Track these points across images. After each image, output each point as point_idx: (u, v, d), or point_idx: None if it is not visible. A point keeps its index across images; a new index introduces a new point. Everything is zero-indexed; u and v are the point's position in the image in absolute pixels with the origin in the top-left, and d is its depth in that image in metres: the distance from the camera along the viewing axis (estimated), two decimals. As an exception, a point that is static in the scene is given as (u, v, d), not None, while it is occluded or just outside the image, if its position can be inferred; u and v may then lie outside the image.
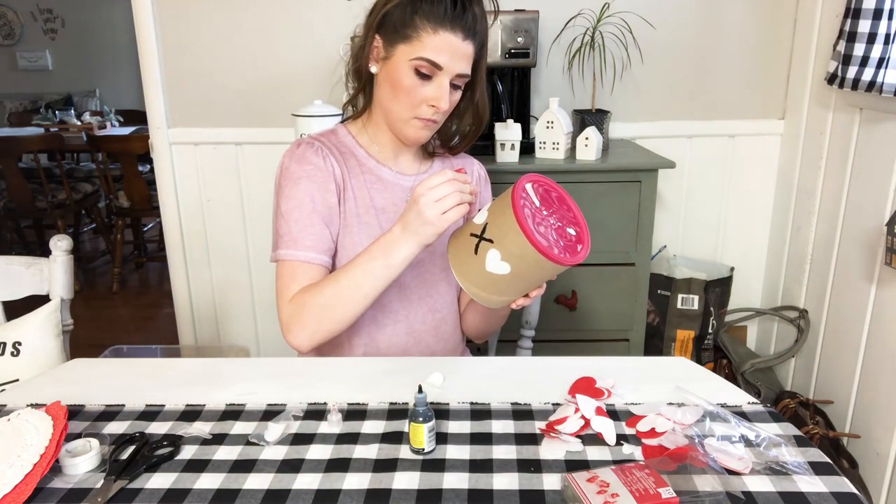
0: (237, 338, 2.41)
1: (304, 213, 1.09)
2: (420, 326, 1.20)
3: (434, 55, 1.03)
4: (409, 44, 1.04)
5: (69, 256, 1.33)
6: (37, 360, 1.26)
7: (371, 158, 1.17)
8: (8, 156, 3.53)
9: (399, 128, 1.12)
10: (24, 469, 0.73)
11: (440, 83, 1.05)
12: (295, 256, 1.08)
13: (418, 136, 1.12)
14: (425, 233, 0.96)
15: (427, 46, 1.03)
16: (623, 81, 2.15)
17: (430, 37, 1.03)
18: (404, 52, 1.05)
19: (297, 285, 1.07)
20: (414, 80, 1.05)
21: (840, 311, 1.88)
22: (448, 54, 1.04)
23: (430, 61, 1.04)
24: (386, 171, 1.17)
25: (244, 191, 2.26)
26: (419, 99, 1.07)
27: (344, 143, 1.17)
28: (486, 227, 0.89)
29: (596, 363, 1.05)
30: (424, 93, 1.06)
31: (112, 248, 3.81)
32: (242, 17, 2.13)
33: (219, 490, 0.75)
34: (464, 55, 1.05)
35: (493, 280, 0.90)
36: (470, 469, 0.78)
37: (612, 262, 1.85)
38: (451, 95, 1.08)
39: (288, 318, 1.05)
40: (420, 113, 1.08)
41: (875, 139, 1.72)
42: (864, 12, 1.59)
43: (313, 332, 1.04)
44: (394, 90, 1.08)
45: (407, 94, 1.06)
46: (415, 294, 1.18)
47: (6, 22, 5.79)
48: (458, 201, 0.94)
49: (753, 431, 0.82)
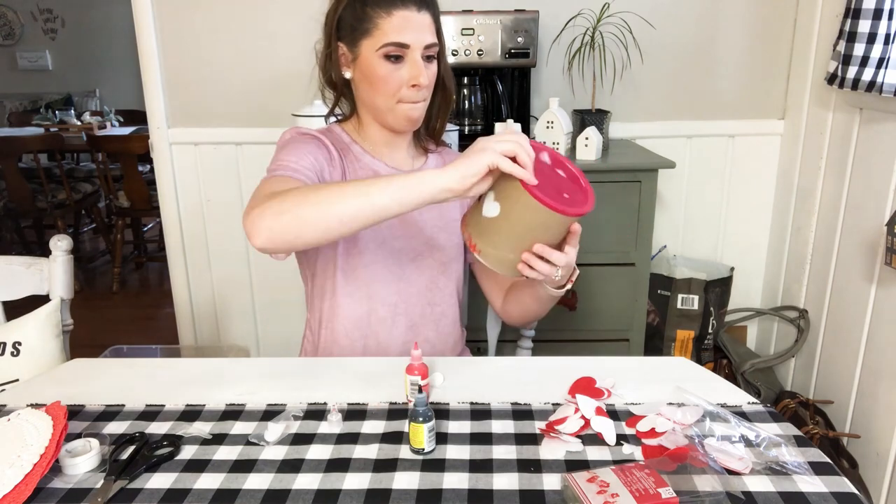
0: (237, 338, 2.41)
1: (304, 163, 1.03)
2: (419, 320, 1.20)
3: (397, 36, 1.04)
4: (370, 36, 1.05)
5: (69, 256, 1.33)
6: (37, 360, 1.26)
7: (367, 154, 1.17)
8: (8, 156, 3.53)
9: (388, 119, 1.12)
10: (24, 469, 0.73)
11: (413, 60, 1.06)
12: (285, 172, 1.00)
13: (410, 117, 1.11)
14: (465, 164, 0.84)
15: (387, 31, 1.04)
16: (623, 81, 2.15)
17: (387, 20, 1.04)
18: (368, 45, 1.06)
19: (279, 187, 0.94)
20: (387, 67, 1.06)
21: (840, 311, 1.88)
22: (409, 30, 1.04)
23: (395, 43, 1.04)
24: (381, 166, 1.17)
25: (244, 191, 2.26)
26: (398, 83, 1.07)
27: (340, 139, 1.18)
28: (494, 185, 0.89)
29: (596, 363, 1.05)
30: (401, 75, 1.06)
31: (112, 248, 3.81)
32: (242, 18, 2.13)
33: (219, 490, 0.75)
34: (424, 26, 1.06)
35: (489, 226, 0.89)
36: (470, 469, 0.78)
37: (612, 262, 1.85)
38: (428, 69, 1.08)
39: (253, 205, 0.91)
40: (403, 96, 1.08)
41: (875, 139, 1.72)
42: (864, 12, 1.59)
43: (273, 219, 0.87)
44: (372, 85, 1.08)
45: (385, 82, 1.07)
46: (414, 287, 1.18)
47: (6, 22, 5.79)
48: (517, 148, 0.83)
49: (753, 431, 0.82)
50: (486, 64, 1.92)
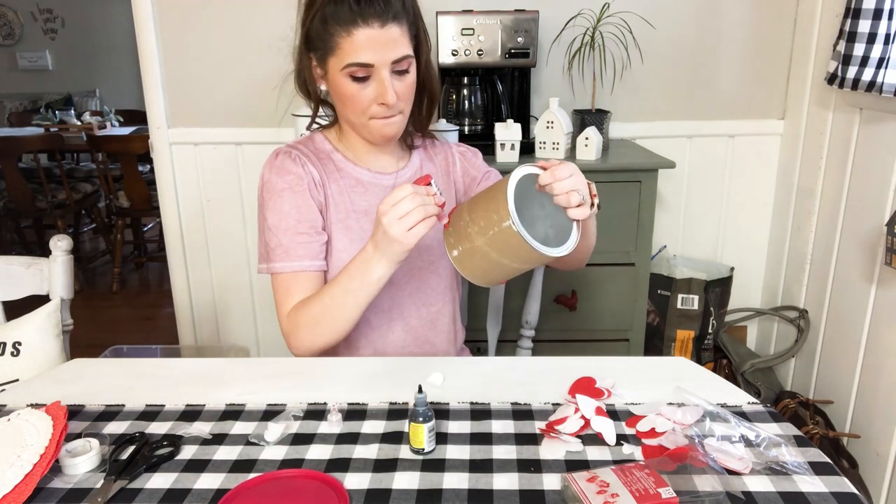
0: (237, 338, 2.41)
1: (291, 223, 1.09)
2: (415, 322, 1.19)
3: (359, 56, 1.01)
4: (334, 55, 1.03)
5: (69, 256, 1.33)
6: (37, 360, 1.26)
7: (348, 162, 1.16)
8: (8, 156, 3.53)
9: (364, 133, 1.11)
10: (24, 469, 0.73)
11: (380, 79, 1.03)
12: (288, 268, 1.09)
13: (384, 133, 1.09)
14: (394, 251, 0.95)
15: (349, 51, 1.01)
16: (623, 81, 2.15)
17: (348, 40, 1.00)
18: (334, 64, 1.04)
19: (292, 298, 1.09)
20: (354, 87, 1.04)
21: (840, 311, 1.88)
22: (372, 49, 1.00)
23: (358, 64, 1.01)
24: (364, 173, 1.17)
25: (244, 191, 2.26)
26: (366, 101, 1.05)
27: (321, 148, 1.17)
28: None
29: (596, 363, 1.05)
30: (368, 94, 1.04)
31: (112, 248, 3.81)
32: (242, 18, 2.13)
33: (219, 490, 0.75)
34: (390, 41, 1.01)
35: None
36: (470, 469, 0.78)
37: (612, 262, 1.85)
38: (401, 82, 1.05)
39: (287, 331, 1.09)
40: (374, 113, 1.07)
41: (875, 139, 1.72)
42: (864, 12, 1.59)
43: (311, 344, 1.07)
44: (342, 102, 1.08)
45: (353, 101, 1.05)
46: (405, 291, 1.18)
47: (6, 22, 5.79)
48: (423, 216, 0.92)
49: (753, 431, 0.82)
50: (486, 64, 1.93)
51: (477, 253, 0.91)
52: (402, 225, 0.91)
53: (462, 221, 0.92)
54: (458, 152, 1.27)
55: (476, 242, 0.90)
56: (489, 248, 0.90)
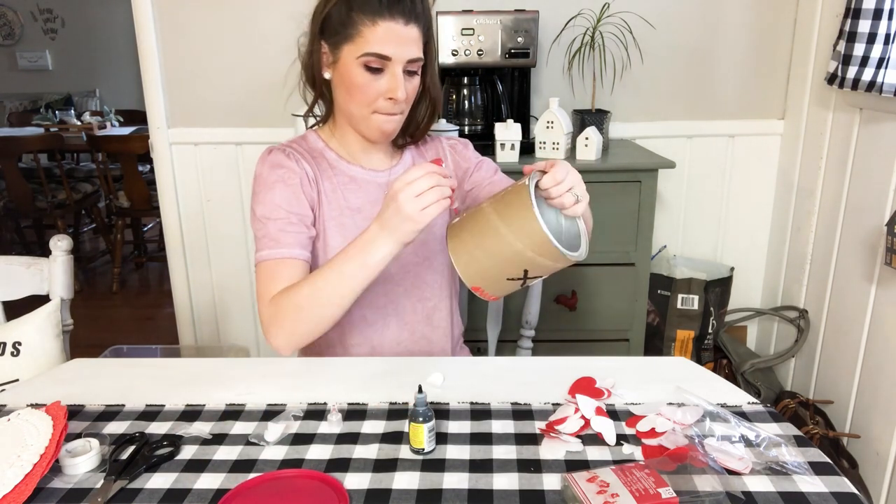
0: (237, 338, 2.41)
1: (281, 214, 1.08)
2: (411, 317, 1.19)
3: (379, 47, 1.01)
4: (352, 42, 1.03)
5: (69, 256, 1.33)
6: (37, 360, 1.26)
7: (342, 160, 1.16)
8: (8, 156, 3.53)
9: (362, 127, 1.11)
10: (24, 469, 0.73)
11: (393, 73, 1.04)
12: (276, 255, 1.06)
13: (383, 130, 1.10)
14: (405, 230, 0.92)
15: (370, 40, 1.01)
16: (623, 81, 2.15)
17: (371, 30, 1.01)
18: (350, 51, 1.04)
19: (276, 285, 1.04)
20: (366, 77, 1.04)
21: (840, 311, 1.88)
22: (393, 43, 1.02)
23: (376, 54, 1.02)
24: (357, 170, 1.16)
25: (244, 191, 2.26)
26: (375, 93, 1.05)
27: (314, 147, 1.17)
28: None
29: (596, 363, 1.05)
30: (379, 87, 1.05)
31: (112, 248, 3.81)
32: (242, 17, 2.13)
33: (219, 490, 0.75)
34: (410, 40, 1.03)
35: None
36: (470, 469, 0.78)
37: (612, 262, 1.85)
38: (409, 83, 1.06)
39: (267, 320, 1.02)
40: (379, 107, 1.07)
41: (875, 139, 1.72)
42: (864, 12, 1.59)
43: (290, 333, 1.00)
44: (349, 91, 1.07)
45: (362, 91, 1.05)
46: (400, 287, 1.18)
47: (6, 22, 5.79)
48: (440, 196, 0.91)
49: (753, 431, 0.82)
50: (486, 64, 1.93)
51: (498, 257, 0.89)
52: (418, 203, 0.90)
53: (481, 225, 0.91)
54: (449, 146, 1.27)
55: (517, 247, 0.87)
56: (527, 257, 0.87)
